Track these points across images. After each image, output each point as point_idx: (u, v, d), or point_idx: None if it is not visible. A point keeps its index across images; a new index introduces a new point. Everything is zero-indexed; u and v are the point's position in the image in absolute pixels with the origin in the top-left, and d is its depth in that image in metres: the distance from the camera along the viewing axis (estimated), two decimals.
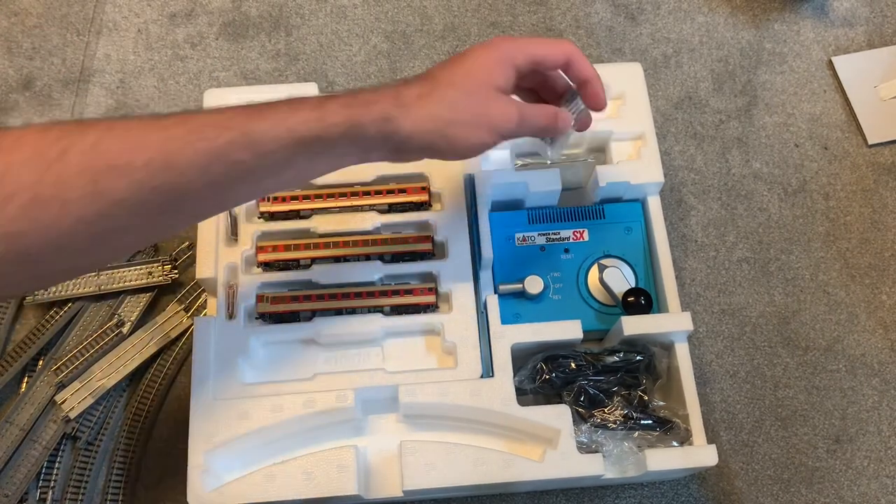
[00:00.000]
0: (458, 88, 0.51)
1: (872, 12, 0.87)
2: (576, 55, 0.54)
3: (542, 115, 0.55)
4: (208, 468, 0.60)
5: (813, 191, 0.79)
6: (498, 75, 0.52)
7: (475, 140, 0.51)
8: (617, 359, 0.65)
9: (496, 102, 0.51)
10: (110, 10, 0.87)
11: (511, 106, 0.52)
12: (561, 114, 0.56)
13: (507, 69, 0.52)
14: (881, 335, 0.74)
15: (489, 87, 0.51)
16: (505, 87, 0.53)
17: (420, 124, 0.50)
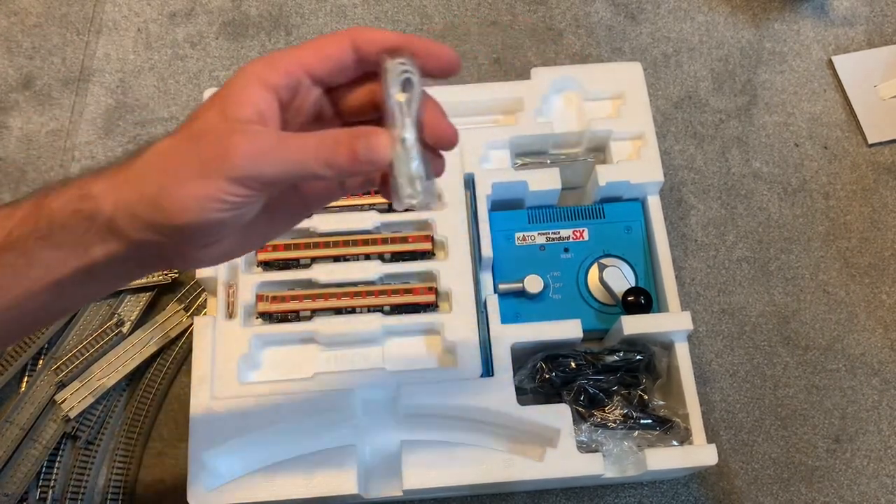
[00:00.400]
0: (180, 134, 0.37)
1: (872, 11, 0.87)
2: (363, 36, 0.38)
3: (312, 144, 0.36)
4: (208, 468, 0.60)
5: (813, 190, 0.79)
6: (244, 105, 0.37)
7: (199, 194, 0.35)
8: (617, 358, 0.65)
9: (238, 138, 0.35)
10: (110, 10, 0.87)
11: (260, 138, 0.36)
12: (358, 140, 0.36)
13: (256, 94, 0.37)
14: (881, 334, 0.74)
15: (231, 122, 0.36)
16: (259, 117, 0.37)
17: (124, 194, 0.36)
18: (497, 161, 0.71)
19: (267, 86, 0.37)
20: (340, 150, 0.36)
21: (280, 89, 0.38)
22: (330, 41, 0.38)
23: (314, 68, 0.38)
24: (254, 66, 0.38)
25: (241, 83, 0.37)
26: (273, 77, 0.37)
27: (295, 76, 0.38)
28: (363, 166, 0.36)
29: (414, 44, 0.38)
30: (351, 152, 0.36)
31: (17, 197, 0.77)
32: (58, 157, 0.80)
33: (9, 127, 0.81)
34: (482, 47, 0.85)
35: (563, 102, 0.74)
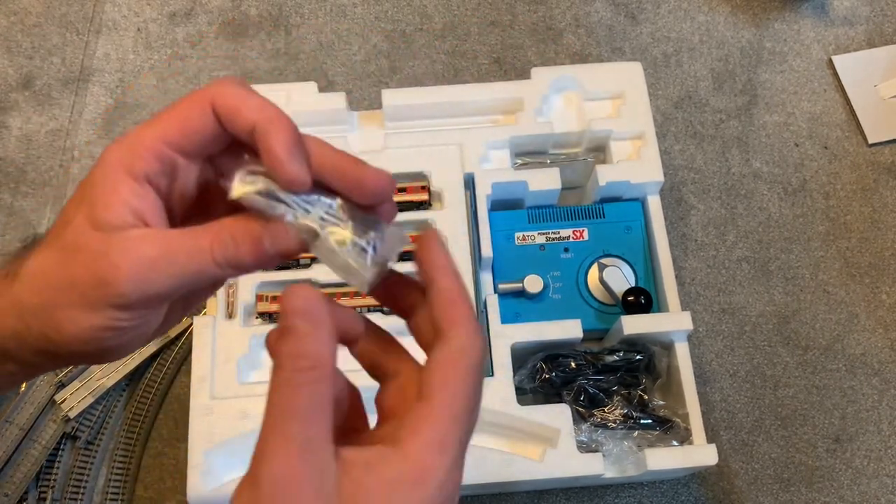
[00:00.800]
0: (52, 247, 0.32)
1: (873, 11, 0.87)
2: (222, 107, 0.31)
3: (206, 244, 0.31)
4: (208, 468, 0.60)
5: (813, 190, 0.79)
6: (114, 206, 0.31)
7: (87, 326, 0.31)
8: (617, 358, 0.65)
9: (115, 257, 0.30)
10: (110, 10, 0.87)
11: (141, 250, 0.30)
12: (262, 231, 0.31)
13: (125, 190, 0.31)
14: (881, 334, 0.74)
15: (104, 231, 0.31)
16: (135, 216, 0.31)
17: (10, 323, 0.32)
18: (497, 161, 0.71)
19: (135, 176, 0.31)
20: (242, 247, 0.31)
21: (152, 176, 0.32)
22: (189, 110, 0.32)
23: (181, 144, 0.32)
24: (114, 154, 0.31)
25: (106, 178, 0.31)
26: (139, 164, 0.31)
27: (164, 157, 0.32)
28: (273, 259, 0.32)
29: (270, 138, 0.30)
30: (255, 247, 0.31)
31: (16, 197, 0.77)
32: (57, 157, 0.80)
33: (8, 127, 0.81)
34: (482, 47, 0.85)
35: (563, 102, 0.74)
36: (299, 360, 0.28)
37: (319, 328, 0.29)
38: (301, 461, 0.27)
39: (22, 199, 0.78)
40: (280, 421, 0.28)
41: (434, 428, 0.29)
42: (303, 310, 0.29)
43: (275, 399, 0.28)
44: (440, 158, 0.69)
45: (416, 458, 0.28)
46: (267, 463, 0.27)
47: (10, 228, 0.77)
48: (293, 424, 0.27)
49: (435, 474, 0.28)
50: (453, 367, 0.30)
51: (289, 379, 0.28)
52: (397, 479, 0.28)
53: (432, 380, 0.30)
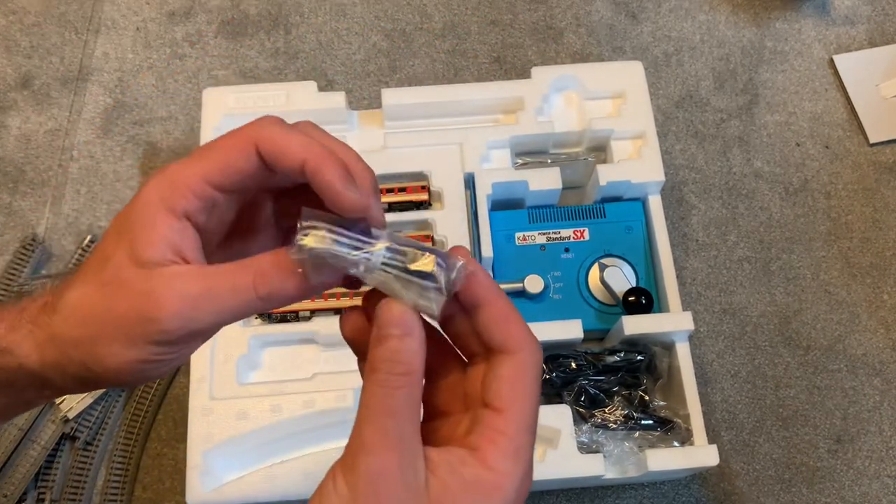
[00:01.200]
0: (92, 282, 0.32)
1: (874, 10, 0.87)
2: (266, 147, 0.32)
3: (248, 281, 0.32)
4: (207, 468, 0.59)
5: (814, 190, 0.79)
6: (156, 243, 0.31)
7: (129, 359, 0.32)
8: (617, 358, 0.64)
9: (160, 293, 0.31)
10: (109, 9, 0.86)
11: (185, 286, 0.31)
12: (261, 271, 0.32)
13: (165, 227, 0.32)
14: (882, 335, 0.74)
15: (146, 268, 0.31)
16: (175, 252, 0.32)
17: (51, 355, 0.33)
18: (497, 161, 0.71)
19: (176, 214, 0.32)
20: (288, 281, 0.32)
21: (191, 213, 0.32)
22: (232, 150, 0.32)
23: (222, 183, 0.32)
24: (154, 191, 0.32)
25: (146, 215, 0.32)
26: (180, 202, 0.32)
27: (205, 196, 0.32)
28: (318, 289, 0.32)
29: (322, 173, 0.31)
30: (300, 280, 0.32)
31: (15, 196, 0.77)
32: (56, 157, 0.80)
33: (7, 126, 0.81)
34: (482, 46, 0.85)
35: (564, 102, 0.73)
36: (395, 365, 0.31)
37: (413, 337, 0.31)
38: (397, 456, 0.29)
39: (21, 198, 0.78)
40: (378, 417, 0.30)
41: (510, 438, 0.31)
42: (398, 321, 0.31)
43: (371, 398, 0.30)
44: (440, 158, 0.69)
45: (495, 465, 0.31)
46: (366, 454, 0.29)
47: (8, 228, 0.76)
48: (390, 422, 0.30)
49: (512, 481, 0.31)
50: (522, 380, 0.32)
51: (385, 381, 0.30)
52: (479, 484, 0.31)
53: (504, 392, 0.32)
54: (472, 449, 0.31)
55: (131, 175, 0.79)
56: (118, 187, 0.78)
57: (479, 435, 0.31)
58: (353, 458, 0.30)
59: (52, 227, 0.77)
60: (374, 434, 0.30)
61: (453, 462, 0.31)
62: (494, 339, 0.33)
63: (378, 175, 0.72)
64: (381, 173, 0.69)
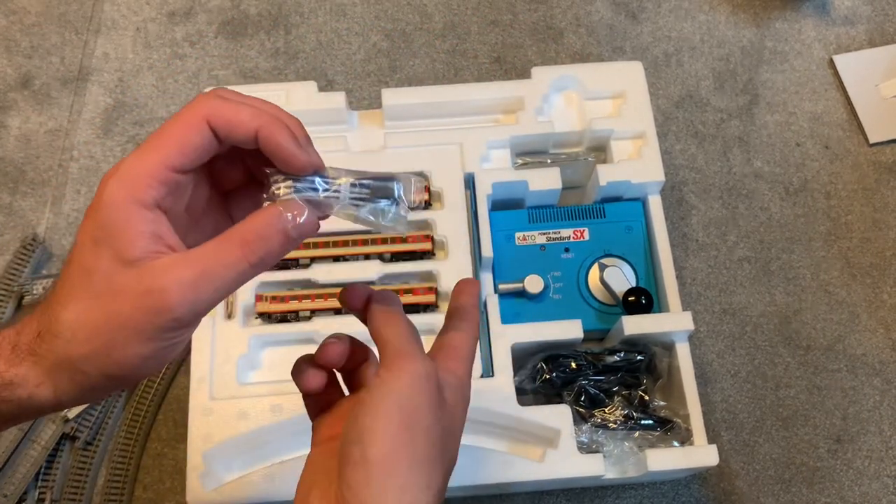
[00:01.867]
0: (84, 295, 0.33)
1: (874, 11, 0.87)
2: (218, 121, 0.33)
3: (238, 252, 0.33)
4: (207, 468, 0.59)
5: (814, 190, 0.79)
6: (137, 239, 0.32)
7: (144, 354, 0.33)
8: (617, 358, 0.64)
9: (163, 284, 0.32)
10: (109, 9, 0.86)
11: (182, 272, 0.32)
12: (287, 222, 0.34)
13: (141, 222, 0.32)
14: (882, 334, 0.74)
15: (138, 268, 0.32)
16: (157, 241, 0.33)
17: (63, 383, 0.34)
18: (497, 161, 0.71)
19: (146, 206, 0.32)
20: (272, 242, 0.33)
21: (160, 201, 0.33)
22: (185, 130, 0.33)
23: (183, 164, 0.33)
24: (118, 191, 0.32)
25: (118, 216, 0.32)
26: (148, 193, 0.32)
27: (168, 181, 0.33)
28: (297, 243, 0.35)
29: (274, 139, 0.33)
30: (283, 237, 0.34)
31: (15, 196, 0.77)
32: (56, 157, 0.80)
33: (7, 126, 0.81)
34: (482, 46, 0.85)
35: (564, 102, 0.73)
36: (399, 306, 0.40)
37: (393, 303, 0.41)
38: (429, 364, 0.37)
39: (21, 198, 0.78)
40: (414, 340, 0.37)
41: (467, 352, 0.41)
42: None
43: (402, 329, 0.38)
44: (440, 158, 0.69)
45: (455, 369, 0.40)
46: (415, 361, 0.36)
47: (9, 228, 0.76)
48: (420, 344, 0.38)
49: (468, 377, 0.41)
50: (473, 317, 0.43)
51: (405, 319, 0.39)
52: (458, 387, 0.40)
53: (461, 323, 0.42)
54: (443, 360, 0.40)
55: None
56: None
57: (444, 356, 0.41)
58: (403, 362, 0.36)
59: (53, 226, 0.77)
60: (416, 349, 0.37)
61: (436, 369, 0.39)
62: None
63: None
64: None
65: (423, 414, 0.35)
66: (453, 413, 0.38)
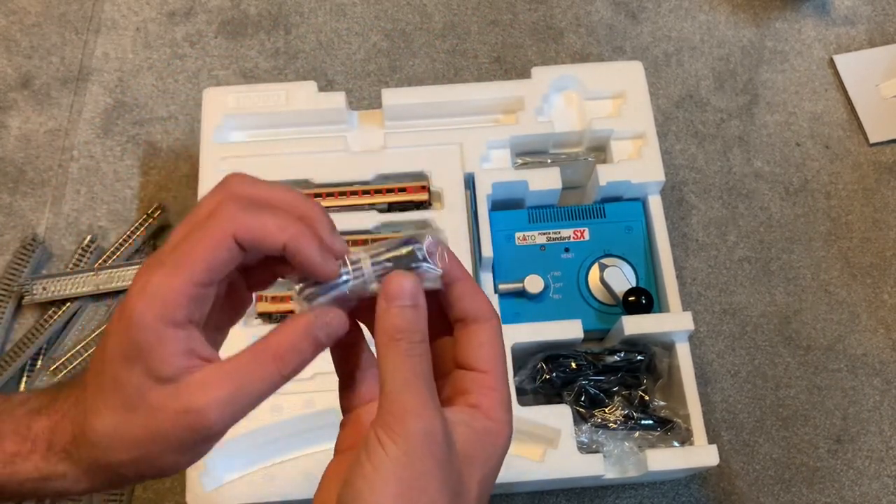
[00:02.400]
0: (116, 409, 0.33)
1: (874, 11, 0.87)
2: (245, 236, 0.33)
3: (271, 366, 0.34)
4: (207, 468, 0.59)
5: (814, 190, 0.79)
6: (171, 358, 0.32)
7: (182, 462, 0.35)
8: (617, 358, 0.64)
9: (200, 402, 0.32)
10: (109, 9, 0.86)
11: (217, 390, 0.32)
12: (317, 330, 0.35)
13: (174, 341, 0.33)
14: (883, 334, 0.74)
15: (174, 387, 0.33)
16: (190, 354, 0.33)
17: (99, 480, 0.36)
18: (497, 161, 0.71)
19: (177, 323, 0.32)
20: (305, 353, 0.34)
21: (191, 316, 0.33)
22: (212, 249, 0.33)
23: (210, 280, 0.33)
24: (148, 312, 0.32)
25: (150, 338, 0.32)
26: (179, 313, 0.32)
27: (197, 297, 0.33)
28: (329, 345, 0.36)
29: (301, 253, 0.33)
30: (315, 346, 0.35)
31: (15, 196, 0.77)
32: (56, 157, 0.80)
33: (7, 126, 0.81)
34: (482, 46, 0.85)
35: (564, 102, 0.73)
36: (414, 333, 0.34)
37: (422, 307, 0.35)
38: (440, 418, 0.33)
39: (21, 198, 0.78)
40: (416, 384, 0.33)
41: (500, 392, 0.36)
42: (411, 293, 0.34)
43: (401, 366, 0.33)
44: (440, 158, 0.69)
45: (495, 416, 0.36)
46: (415, 418, 0.32)
47: (9, 228, 0.76)
48: (426, 387, 0.33)
49: (508, 426, 0.36)
50: (497, 344, 0.37)
51: (409, 350, 0.34)
52: (487, 433, 0.35)
53: (487, 356, 0.36)
54: (474, 406, 0.36)
55: (131, 175, 0.79)
56: (118, 187, 0.78)
57: (476, 394, 0.36)
58: (400, 422, 0.32)
59: (53, 226, 0.77)
60: (417, 399, 0.33)
61: (465, 419, 0.35)
62: (468, 310, 0.37)
63: (378, 175, 0.72)
64: (381, 173, 0.69)
65: (427, 481, 0.32)
66: (473, 472, 0.34)
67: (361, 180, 0.69)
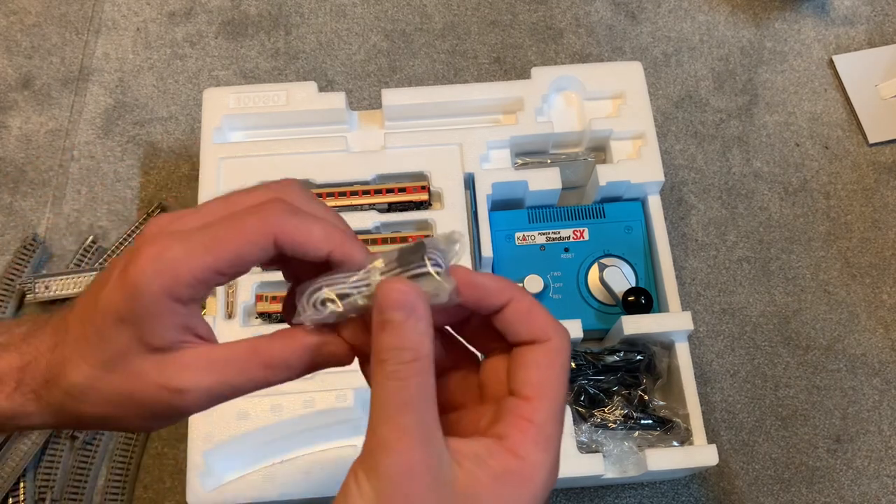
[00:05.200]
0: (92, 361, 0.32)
1: (873, 11, 0.87)
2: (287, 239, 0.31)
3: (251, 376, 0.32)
4: (207, 468, 0.59)
5: (813, 190, 0.79)
6: (166, 330, 0.31)
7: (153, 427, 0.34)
8: (617, 358, 0.64)
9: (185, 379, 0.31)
10: (109, 9, 0.86)
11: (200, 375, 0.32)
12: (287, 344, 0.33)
13: (170, 315, 0.31)
14: (882, 334, 0.74)
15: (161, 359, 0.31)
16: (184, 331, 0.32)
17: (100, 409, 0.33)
18: (497, 161, 0.71)
19: (182, 301, 0.31)
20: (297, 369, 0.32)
21: (198, 297, 0.31)
22: (248, 244, 0.31)
23: (232, 270, 0.31)
24: (156, 281, 0.30)
25: (151, 305, 0.30)
26: (186, 292, 0.31)
27: (211, 283, 0.31)
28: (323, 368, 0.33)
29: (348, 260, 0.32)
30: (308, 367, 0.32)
31: (16, 197, 0.77)
32: (57, 157, 0.80)
33: (8, 127, 0.81)
34: (482, 46, 0.85)
35: (564, 102, 0.73)
36: (403, 352, 0.29)
37: (417, 318, 0.29)
38: (421, 452, 0.28)
39: (21, 198, 0.78)
40: (395, 413, 0.28)
41: (539, 427, 0.30)
42: (400, 302, 0.29)
43: (383, 392, 0.29)
44: (440, 158, 0.69)
45: (524, 455, 0.29)
46: (386, 454, 0.28)
47: (9, 228, 0.77)
48: (408, 416, 0.28)
49: (541, 471, 0.29)
50: (551, 367, 0.31)
51: (395, 372, 0.29)
52: (508, 474, 0.29)
53: (533, 379, 0.30)
54: (499, 438, 0.30)
55: (132, 175, 0.79)
56: (119, 187, 0.78)
57: (506, 423, 0.30)
58: (373, 457, 0.29)
59: (53, 227, 0.77)
60: (393, 431, 0.28)
61: (480, 453, 0.29)
62: (521, 334, 0.32)
63: (378, 175, 0.72)
64: (381, 173, 0.69)
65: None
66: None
67: (361, 180, 0.69)
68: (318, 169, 0.69)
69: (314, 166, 0.69)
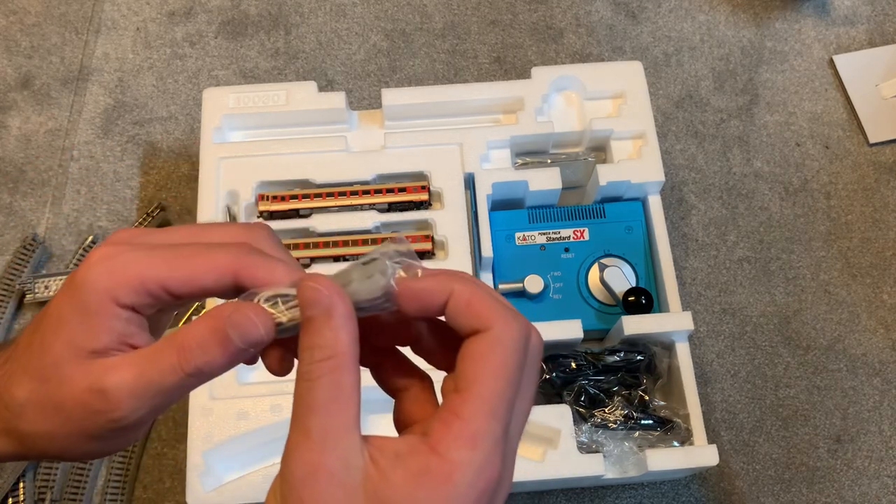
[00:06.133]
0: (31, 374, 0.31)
1: (874, 11, 0.87)
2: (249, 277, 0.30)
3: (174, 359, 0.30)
4: (207, 468, 0.59)
5: (814, 190, 0.79)
6: (101, 333, 0.30)
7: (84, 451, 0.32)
8: (617, 358, 0.64)
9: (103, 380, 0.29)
10: (109, 9, 0.86)
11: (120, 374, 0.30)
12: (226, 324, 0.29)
13: (108, 320, 0.30)
14: (882, 334, 0.74)
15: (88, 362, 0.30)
16: (120, 340, 0.30)
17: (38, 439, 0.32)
18: (497, 161, 0.71)
19: (123, 305, 0.30)
20: (210, 351, 0.29)
21: (141, 308, 0.30)
22: (205, 273, 0.30)
23: (181, 293, 0.30)
24: (102, 280, 0.29)
25: (89, 304, 0.30)
26: (130, 297, 0.30)
27: (157, 297, 0.30)
28: (247, 353, 0.30)
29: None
30: (224, 347, 0.29)
31: (15, 196, 0.77)
32: (56, 157, 0.80)
33: (7, 126, 0.81)
34: (482, 46, 0.85)
35: (564, 102, 0.73)
36: (314, 351, 0.28)
37: (333, 316, 0.28)
38: (322, 454, 0.27)
39: (21, 198, 0.78)
40: (300, 415, 0.28)
41: (465, 422, 0.27)
42: (315, 300, 0.28)
43: (296, 393, 0.28)
44: (440, 158, 0.69)
45: (444, 452, 0.27)
46: (290, 458, 0.27)
47: (9, 228, 0.76)
48: (312, 418, 0.27)
49: (465, 470, 0.27)
50: (486, 357, 0.28)
51: (307, 371, 0.28)
52: (423, 473, 0.27)
53: (465, 371, 0.28)
54: (424, 434, 0.28)
55: (131, 175, 0.79)
56: (118, 187, 0.78)
57: (436, 419, 0.28)
58: (283, 463, 0.28)
59: (53, 226, 0.77)
60: (296, 434, 0.27)
61: (401, 451, 0.27)
62: (464, 326, 0.29)
63: (378, 175, 0.72)
64: (381, 173, 0.69)
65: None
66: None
67: (361, 180, 0.69)
68: (317, 169, 0.69)
69: (314, 166, 0.69)
